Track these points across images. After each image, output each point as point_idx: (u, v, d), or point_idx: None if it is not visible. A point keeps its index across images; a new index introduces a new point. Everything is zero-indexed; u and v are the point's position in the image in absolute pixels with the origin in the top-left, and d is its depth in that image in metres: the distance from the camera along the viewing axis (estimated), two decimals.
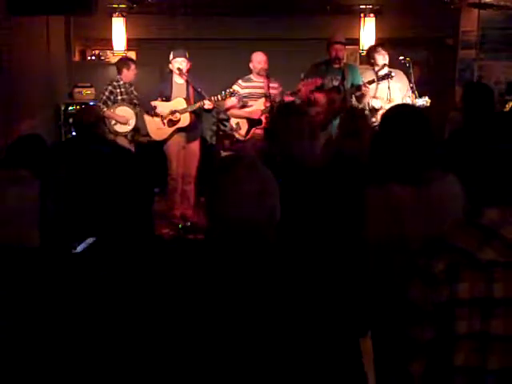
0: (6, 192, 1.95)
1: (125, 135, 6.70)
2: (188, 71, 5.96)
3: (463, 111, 3.90)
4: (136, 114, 6.61)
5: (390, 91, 6.02)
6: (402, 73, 6.33)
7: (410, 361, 1.65)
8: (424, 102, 5.97)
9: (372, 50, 6.36)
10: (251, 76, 6.21)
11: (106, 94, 6.58)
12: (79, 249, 2.62)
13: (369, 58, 6.41)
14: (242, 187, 1.51)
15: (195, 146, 6.17)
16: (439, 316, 1.60)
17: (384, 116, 2.73)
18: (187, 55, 5.96)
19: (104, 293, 2.17)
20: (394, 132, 2.51)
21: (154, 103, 5.93)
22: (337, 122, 5.99)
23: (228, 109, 6.22)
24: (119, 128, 6.63)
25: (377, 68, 6.20)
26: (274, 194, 1.57)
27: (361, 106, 6.18)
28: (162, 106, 5.91)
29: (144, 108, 6.13)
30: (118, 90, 6.63)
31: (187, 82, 5.94)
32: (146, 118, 6.08)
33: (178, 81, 5.98)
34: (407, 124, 2.49)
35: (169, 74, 6.02)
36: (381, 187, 2.49)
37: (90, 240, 2.72)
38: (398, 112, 2.66)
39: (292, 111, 2.97)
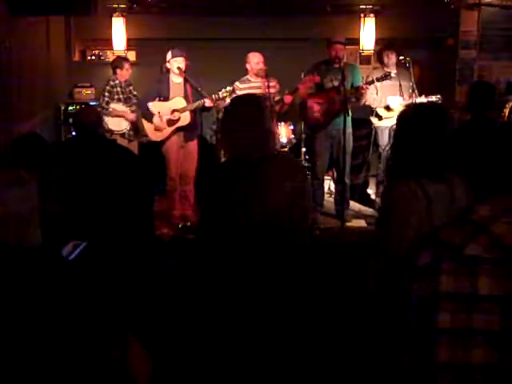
0: (5, 193, 1.95)
1: (122, 134, 6.70)
2: (185, 70, 5.96)
3: (468, 108, 3.95)
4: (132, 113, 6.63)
5: (400, 88, 6.11)
6: (406, 72, 6.37)
7: (399, 352, 1.66)
8: (436, 99, 6.07)
9: (381, 51, 6.45)
10: (248, 77, 6.19)
11: (107, 94, 6.62)
12: (72, 256, 2.61)
13: (379, 58, 6.48)
14: (278, 187, 1.51)
15: (193, 145, 6.16)
16: (423, 308, 1.61)
17: (406, 114, 2.69)
18: (185, 54, 5.96)
19: (102, 293, 2.17)
20: (421, 130, 2.51)
21: (151, 104, 5.91)
22: (337, 122, 6.04)
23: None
24: (113, 126, 6.63)
25: (386, 68, 6.26)
26: (307, 193, 1.56)
27: (373, 105, 6.28)
28: (160, 106, 5.90)
29: (141, 109, 6.11)
30: (115, 90, 6.65)
31: (185, 80, 5.93)
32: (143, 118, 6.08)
33: (176, 80, 5.97)
34: (433, 121, 2.51)
35: (165, 73, 6.01)
36: (414, 182, 2.45)
37: (82, 245, 2.71)
38: (423, 109, 2.65)
39: (241, 102, 2.87)
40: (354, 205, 6.66)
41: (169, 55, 5.93)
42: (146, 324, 1.55)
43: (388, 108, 6.33)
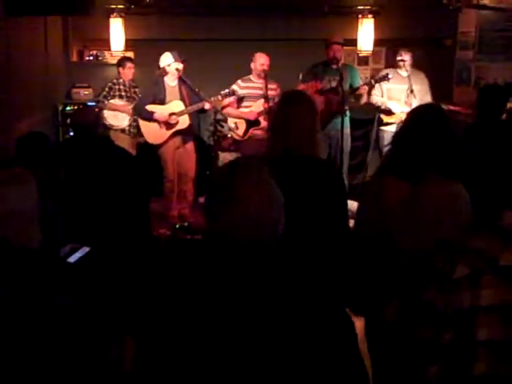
0: (5, 192, 1.94)
1: (122, 130, 6.73)
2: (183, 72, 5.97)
3: (477, 112, 3.85)
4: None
5: (407, 93, 6.06)
6: (422, 75, 6.34)
7: (426, 364, 1.60)
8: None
9: (396, 51, 6.42)
10: (250, 77, 6.20)
11: (106, 89, 6.78)
12: (73, 259, 2.60)
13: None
14: (247, 199, 1.48)
15: (191, 145, 6.15)
16: (459, 321, 1.55)
17: (408, 113, 2.77)
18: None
19: (100, 294, 2.16)
20: (408, 128, 2.56)
21: (149, 107, 5.89)
22: (335, 122, 6.04)
23: (224, 107, 6.22)
24: (114, 122, 6.68)
25: (398, 69, 6.24)
26: (278, 206, 1.52)
27: (376, 105, 6.26)
28: (159, 110, 5.88)
29: (139, 112, 6.09)
30: (117, 87, 6.74)
31: (180, 83, 5.93)
32: (141, 121, 6.06)
33: (171, 83, 5.96)
34: (420, 123, 2.54)
35: (160, 77, 6.00)
36: (379, 178, 2.56)
37: (85, 249, 2.71)
38: (418, 111, 2.70)
39: (294, 100, 2.90)
40: (352, 205, 6.65)
41: (169, 58, 5.90)
42: (143, 325, 1.54)
43: (390, 112, 6.30)
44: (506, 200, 1.62)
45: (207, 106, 5.82)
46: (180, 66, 5.89)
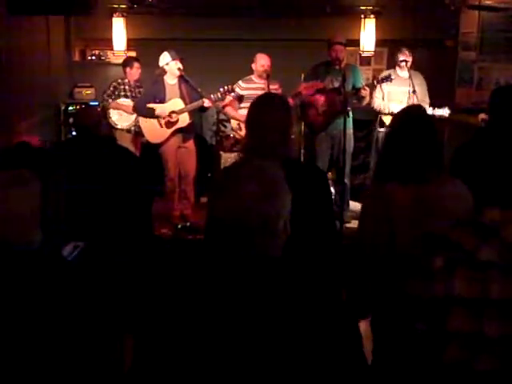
0: (7, 192, 1.94)
1: (127, 130, 6.75)
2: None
3: (489, 114, 3.78)
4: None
5: (410, 94, 6.02)
6: (421, 77, 6.31)
7: (408, 350, 1.66)
8: (444, 112, 5.98)
9: (397, 50, 6.37)
10: (252, 77, 6.20)
11: (111, 89, 6.77)
12: (71, 257, 2.61)
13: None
14: (236, 189, 1.49)
15: (192, 144, 6.15)
16: (433, 311, 1.61)
17: (393, 117, 2.84)
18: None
19: (101, 293, 2.16)
20: (399, 132, 2.58)
21: (150, 106, 5.90)
22: (337, 123, 6.04)
23: (224, 106, 6.22)
24: (118, 121, 6.70)
25: (397, 68, 6.22)
26: (274, 200, 1.51)
27: (378, 109, 6.23)
28: (159, 108, 5.89)
29: (139, 111, 6.09)
30: (122, 87, 6.75)
31: (180, 81, 5.93)
32: (141, 120, 6.07)
33: (171, 82, 5.96)
34: (410, 125, 2.56)
35: (159, 76, 6.00)
36: (379, 185, 2.58)
37: (80, 245, 2.71)
38: (405, 113, 2.73)
39: (267, 100, 2.89)
40: (354, 205, 6.65)
41: (167, 57, 5.90)
42: (144, 324, 1.54)
43: (392, 115, 6.27)
44: (489, 196, 1.65)
45: (206, 103, 5.80)
46: (179, 64, 5.89)
